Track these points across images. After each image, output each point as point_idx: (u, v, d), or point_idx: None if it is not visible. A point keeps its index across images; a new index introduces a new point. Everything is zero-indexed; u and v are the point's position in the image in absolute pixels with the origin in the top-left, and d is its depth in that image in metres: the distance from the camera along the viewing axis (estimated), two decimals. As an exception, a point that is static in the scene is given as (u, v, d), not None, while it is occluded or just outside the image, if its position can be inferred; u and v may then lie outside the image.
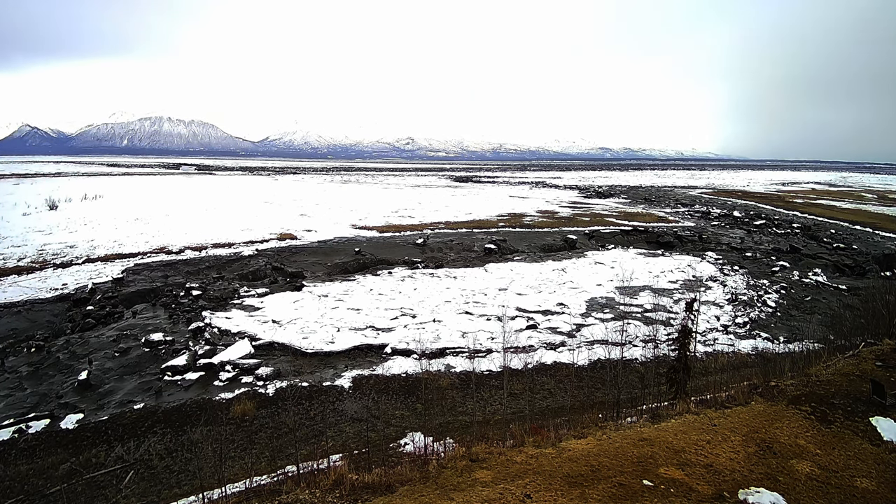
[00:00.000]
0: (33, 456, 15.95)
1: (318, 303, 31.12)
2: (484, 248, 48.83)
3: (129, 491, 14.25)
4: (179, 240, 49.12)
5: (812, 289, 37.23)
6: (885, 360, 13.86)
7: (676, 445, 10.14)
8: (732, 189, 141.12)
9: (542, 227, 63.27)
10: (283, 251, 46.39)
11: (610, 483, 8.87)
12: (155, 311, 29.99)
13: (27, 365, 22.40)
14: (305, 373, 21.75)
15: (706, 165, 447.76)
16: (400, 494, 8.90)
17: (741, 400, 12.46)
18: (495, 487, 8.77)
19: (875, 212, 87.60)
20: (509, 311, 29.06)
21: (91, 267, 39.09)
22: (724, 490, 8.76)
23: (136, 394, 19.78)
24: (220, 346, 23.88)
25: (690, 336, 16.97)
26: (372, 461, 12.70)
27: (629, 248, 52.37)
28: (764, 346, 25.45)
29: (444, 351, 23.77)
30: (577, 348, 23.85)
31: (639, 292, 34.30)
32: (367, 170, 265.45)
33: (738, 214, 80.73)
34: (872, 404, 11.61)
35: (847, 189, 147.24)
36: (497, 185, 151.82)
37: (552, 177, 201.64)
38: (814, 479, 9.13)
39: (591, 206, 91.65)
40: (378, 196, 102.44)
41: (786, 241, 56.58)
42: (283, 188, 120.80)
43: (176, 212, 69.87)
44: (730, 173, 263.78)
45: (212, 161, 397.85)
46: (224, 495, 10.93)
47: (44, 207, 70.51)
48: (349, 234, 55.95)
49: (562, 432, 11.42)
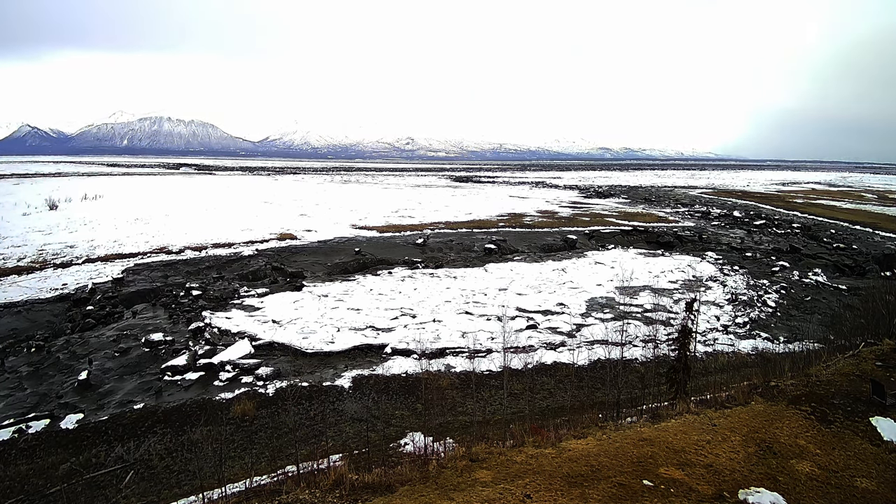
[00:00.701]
0: (33, 456, 15.95)
1: (318, 303, 31.12)
2: (484, 248, 48.84)
3: (129, 491, 14.25)
4: (179, 240, 49.13)
5: (812, 289, 37.23)
6: (885, 360, 13.86)
7: (676, 445, 10.14)
8: (732, 189, 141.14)
9: (542, 227, 63.28)
10: (283, 251, 46.41)
11: (610, 483, 8.87)
12: (155, 311, 30.00)
13: (27, 365, 22.41)
14: (305, 373, 21.75)
15: (706, 165, 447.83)
16: (400, 494, 8.90)
17: (741, 400, 12.45)
18: (495, 487, 8.77)
19: (875, 212, 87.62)
20: (509, 311, 29.05)
21: (91, 267, 39.10)
22: (724, 490, 8.76)
23: (136, 394, 19.79)
24: (220, 346, 23.88)
25: (690, 336, 16.97)
26: (372, 461, 12.70)
27: (629, 248, 52.37)
28: (764, 346, 25.45)
29: (444, 351, 23.77)
30: (577, 348, 23.85)
31: (639, 292, 34.30)
32: (367, 170, 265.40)
33: (738, 214, 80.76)
34: (872, 404, 11.61)
35: (847, 189, 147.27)
36: (497, 185, 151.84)
37: (552, 177, 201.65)
38: (814, 479, 9.13)
39: (591, 206, 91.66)
40: (378, 196, 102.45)
41: (786, 241, 56.60)
42: (283, 188, 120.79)
43: (176, 212, 69.88)
44: (730, 173, 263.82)
45: (212, 161, 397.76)
46: (224, 495, 10.92)
47: (44, 207, 70.51)
48: (349, 234, 55.97)
49: (562, 432, 11.42)
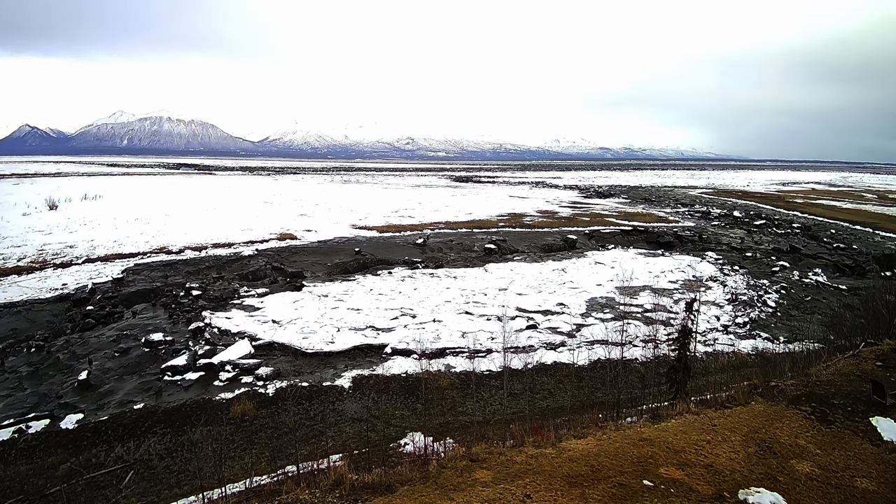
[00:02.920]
0: (33, 456, 15.95)
1: (318, 303, 31.11)
2: (484, 248, 48.82)
3: (129, 491, 14.25)
4: (179, 240, 49.11)
5: (812, 289, 37.23)
6: (886, 360, 13.85)
7: (676, 445, 10.14)
8: (732, 189, 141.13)
9: (542, 227, 63.26)
10: (283, 251, 46.39)
11: (610, 483, 8.86)
12: (155, 311, 29.99)
13: (27, 365, 22.39)
14: (305, 373, 21.74)
15: (706, 165, 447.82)
16: (400, 494, 8.89)
17: (741, 400, 12.44)
18: (495, 487, 8.77)
19: (875, 212, 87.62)
20: (509, 311, 29.04)
21: (91, 267, 39.09)
22: (724, 490, 8.75)
23: (136, 394, 19.78)
24: (220, 346, 23.88)
25: (690, 336, 16.98)
26: (372, 461, 12.70)
27: (629, 248, 52.36)
28: (764, 346, 25.44)
29: (444, 351, 23.76)
30: (577, 348, 23.85)
31: (639, 292, 34.28)
32: (367, 170, 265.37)
33: (738, 214, 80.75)
34: (872, 404, 11.60)
35: (847, 189, 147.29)
36: (497, 185, 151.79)
37: (552, 177, 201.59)
38: (814, 479, 9.13)
39: (591, 205, 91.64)
40: (378, 196, 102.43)
41: (786, 241, 56.58)
42: (283, 188, 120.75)
43: (176, 212, 69.86)
44: (730, 173, 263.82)
45: (212, 161, 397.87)
46: (224, 495, 10.92)
47: (44, 207, 70.49)
48: (349, 234, 55.95)
49: (562, 432, 11.41)
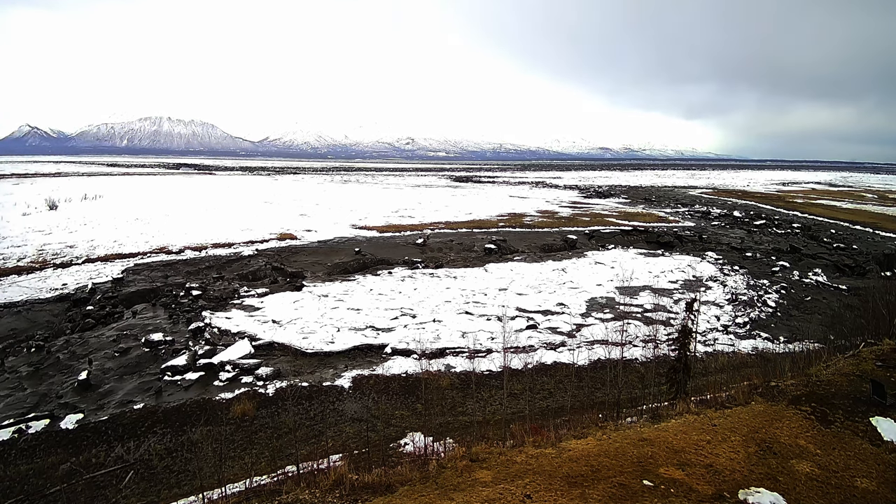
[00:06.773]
0: (33, 456, 15.95)
1: (318, 303, 31.11)
2: (484, 248, 48.82)
3: (128, 491, 14.25)
4: (179, 240, 49.12)
5: (812, 289, 37.23)
6: (886, 360, 13.84)
7: (676, 445, 10.13)
8: (732, 189, 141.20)
9: (542, 227, 63.27)
10: (283, 251, 46.41)
11: (610, 483, 8.86)
12: (155, 311, 29.98)
13: (27, 365, 22.39)
14: (305, 373, 21.74)
15: (706, 165, 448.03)
16: (400, 494, 8.89)
17: (741, 400, 12.43)
18: (495, 487, 8.76)
19: (875, 212, 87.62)
20: (509, 311, 29.05)
21: (91, 267, 39.11)
22: (724, 490, 8.75)
23: (135, 394, 19.78)
24: (220, 346, 23.87)
25: (690, 336, 16.98)
26: (372, 461, 12.69)
27: (629, 248, 52.35)
28: (764, 346, 25.44)
29: (444, 351, 23.76)
30: (577, 348, 23.85)
31: (639, 292, 34.28)
32: (367, 170, 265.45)
33: (739, 214, 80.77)
34: (872, 404, 11.59)
35: (847, 189, 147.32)
36: (497, 185, 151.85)
37: (552, 177, 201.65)
38: (814, 479, 9.12)
39: (591, 205, 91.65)
40: (378, 196, 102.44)
41: (786, 241, 56.59)
42: (282, 188, 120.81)
43: (176, 212, 69.87)
44: (730, 173, 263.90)
45: (212, 161, 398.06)
46: (224, 495, 10.91)
47: (44, 207, 70.53)
48: (349, 234, 55.98)
49: (562, 432, 11.40)
